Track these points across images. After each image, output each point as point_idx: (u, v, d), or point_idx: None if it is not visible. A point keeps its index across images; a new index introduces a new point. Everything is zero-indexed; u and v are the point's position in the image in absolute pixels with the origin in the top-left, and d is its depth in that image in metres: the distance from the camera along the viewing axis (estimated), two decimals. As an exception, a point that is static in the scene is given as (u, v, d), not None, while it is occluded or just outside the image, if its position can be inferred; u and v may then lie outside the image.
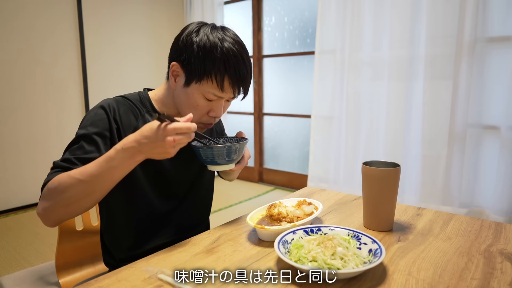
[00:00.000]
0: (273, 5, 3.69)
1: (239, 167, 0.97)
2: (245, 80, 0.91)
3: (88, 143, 0.87)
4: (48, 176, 0.83)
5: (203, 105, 0.91)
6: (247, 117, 4.03)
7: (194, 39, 0.88)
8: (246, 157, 1.01)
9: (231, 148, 0.88)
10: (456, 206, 2.51)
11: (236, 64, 0.88)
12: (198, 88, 0.89)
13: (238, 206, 3.19)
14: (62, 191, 0.78)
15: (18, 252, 2.34)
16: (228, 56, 0.86)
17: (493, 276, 0.69)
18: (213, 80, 0.87)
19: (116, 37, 3.65)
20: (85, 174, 0.77)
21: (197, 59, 0.87)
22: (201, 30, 0.89)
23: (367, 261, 0.70)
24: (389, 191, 0.89)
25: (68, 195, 0.78)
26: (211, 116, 0.94)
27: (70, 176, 0.78)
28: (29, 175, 3.18)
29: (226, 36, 0.89)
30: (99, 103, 0.93)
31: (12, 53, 3.01)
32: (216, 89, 0.88)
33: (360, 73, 2.85)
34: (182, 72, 0.91)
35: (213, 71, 0.86)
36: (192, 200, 1.07)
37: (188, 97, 0.91)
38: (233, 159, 0.91)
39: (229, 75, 0.87)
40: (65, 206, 0.80)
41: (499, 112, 2.33)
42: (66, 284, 1.08)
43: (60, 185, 0.78)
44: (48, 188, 0.80)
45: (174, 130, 0.73)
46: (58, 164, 0.84)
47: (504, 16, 2.27)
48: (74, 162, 0.84)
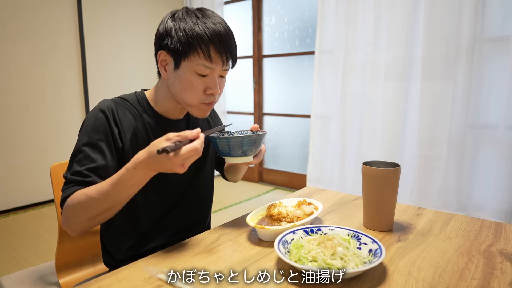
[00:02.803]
0: (273, 5, 3.69)
1: (256, 160, 0.95)
2: (230, 47, 0.92)
3: (93, 151, 0.88)
4: (65, 192, 0.86)
5: (198, 83, 0.91)
6: (247, 117, 4.03)
7: (172, 23, 0.90)
8: (262, 151, 0.99)
9: (248, 139, 0.87)
10: (453, 209, 2.51)
11: (219, 33, 0.89)
12: (188, 65, 0.90)
13: (238, 206, 3.19)
14: (82, 209, 0.83)
15: (18, 252, 2.34)
16: (209, 27, 0.88)
17: (493, 276, 0.69)
18: (199, 52, 0.88)
19: (116, 37, 3.65)
20: (102, 194, 0.81)
21: (180, 37, 0.88)
22: (176, 14, 0.92)
23: (367, 261, 0.70)
24: (389, 191, 0.89)
25: (88, 212, 0.83)
26: (209, 94, 0.93)
27: (87, 195, 0.82)
28: (29, 175, 3.18)
29: (204, 12, 0.92)
30: (98, 105, 0.94)
31: (12, 53, 3.01)
32: (204, 60, 0.89)
33: (360, 73, 2.85)
34: (170, 56, 0.92)
35: (198, 43, 0.88)
36: (192, 201, 1.07)
37: (181, 79, 0.91)
38: (251, 152, 0.89)
39: (214, 43, 0.88)
40: (87, 220, 0.85)
41: (498, 112, 2.33)
42: (66, 284, 1.08)
43: (80, 203, 0.82)
44: (68, 206, 0.84)
45: (182, 158, 0.75)
46: (72, 179, 0.87)
47: (503, 16, 2.27)
48: (86, 174, 0.86)
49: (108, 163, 0.89)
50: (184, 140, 0.76)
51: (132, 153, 0.93)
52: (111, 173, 0.89)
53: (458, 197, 2.51)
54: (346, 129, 2.97)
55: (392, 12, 2.63)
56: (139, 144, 0.95)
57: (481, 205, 2.47)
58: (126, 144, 0.93)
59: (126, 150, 0.93)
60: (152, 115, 0.99)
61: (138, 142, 0.95)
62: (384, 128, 2.77)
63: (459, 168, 2.48)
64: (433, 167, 2.59)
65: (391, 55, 2.67)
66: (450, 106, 2.46)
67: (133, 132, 0.95)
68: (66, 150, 3.30)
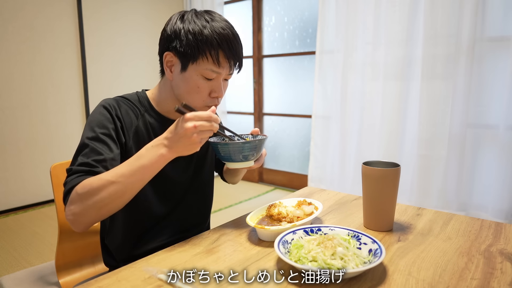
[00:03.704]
0: (273, 5, 3.69)
1: (257, 165, 0.94)
2: (238, 52, 0.93)
3: (99, 145, 0.87)
4: (71, 182, 0.82)
5: (204, 86, 0.92)
6: (247, 117, 4.03)
7: (181, 25, 0.90)
8: (263, 155, 0.99)
9: (249, 145, 0.86)
10: (454, 209, 2.51)
11: (228, 39, 0.89)
12: (195, 68, 0.90)
13: (238, 206, 3.19)
14: (94, 193, 0.78)
15: (18, 252, 2.34)
16: (219, 32, 0.88)
17: (493, 276, 0.69)
18: (208, 57, 0.89)
19: (116, 37, 3.65)
20: (117, 175, 0.79)
21: (190, 41, 0.88)
22: (185, 16, 0.92)
23: (367, 261, 0.70)
24: (389, 191, 0.89)
25: (100, 198, 0.78)
26: (214, 97, 0.94)
27: (101, 178, 0.79)
28: (29, 175, 3.18)
29: (213, 16, 0.92)
30: (100, 103, 0.94)
31: (12, 53, 3.01)
32: (213, 64, 0.89)
33: (360, 73, 2.85)
34: (177, 58, 0.92)
35: (207, 48, 0.88)
36: (192, 201, 1.07)
37: (187, 82, 0.91)
38: (253, 156, 0.89)
39: (223, 49, 0.89)
40: (97, 209, 0.80)
41: (498, 112, 2.33)
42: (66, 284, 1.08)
43: (92, 188, 0.78)
44: (77, 193, 0.79)
45: (194, 116, 0.75)
46: (78, 169, 0.83)
47: (503, 16, 2.27)
48: (93, 164, 0.84)
49: (114, 156, 0.88)
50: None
51: (135, 151, 0.94)
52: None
53: (458, 197, 2.51)
54: (346, 129, 2.97)
55: (392, 12, 2.63)
56: (140, 143, 0.95)
57: (481, 205, 2.47)
58: (128, 141, 0.94)
59: (128, 146, 0.93)
60: (154, 115, 0.99)
61: (139, 141, 0.95)
62: (384, 128, 2.77)
63: (459, 168, 2.48)
64: (433, 167, 2.59)
65: (391, 55, 2.67)
66: (450, 106, 2.46)
67: (135, 131, 0.95)
68: (66, 150, 3.31)
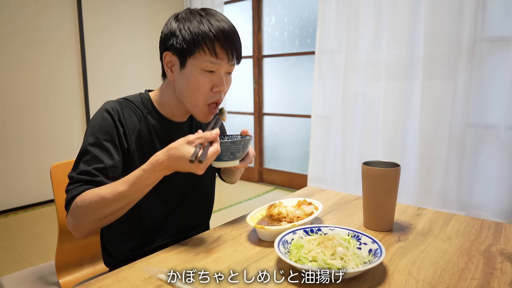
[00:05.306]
0: (273, 5, 3.69)
1: (243, 165, 0.94)
2: (235, 43, 0.92)
3: (100, 151, 0.87)
4: (72, 191, 0.84)
5: (204, 81, 0.91)
6: (247, 117, 4.03)
7: (176, 23, 0.91)
8: (250, 155, 0.99)
9: (235, 144, 0.87)
10: (454, 209, 2.51)
11: (223, 29, 0.89)
12: (194, 63, 0.90)
13: (238, 206, 3.19)
14: (94, 209, 0.81)
15: (18, 252, 2.34)
16: (213, 24, 0.89)
17: (493, 276, 0.69)
18: (205, 49, 0.88)
19: (116, 37, 3.65)
20: (116, 194, 0.80)
21: (185, 35, 0.89)
22: (179, 15, 0.93)
23: (367, 261, 0.70)
24: (389, 191, 0.89)
25: (100, 213, 0.82)
26: (216, 91, 0.93)
27: (100, 196, 0.80)
28: (29, 175, 3.17)
29: (207, 11, 0.93)
30: (103, 106, 0.93)
31: (13, 53, 3.01)
32: (210, 56, 0.89)
33: (360, 73, 2.85)
34: (175, 56, 0.92)
35: (203, 40, 0.88)
36: (192, 202, 1.06)
37: (187, 78, 0.91)
38: (237, 156, 0.89)
39: (219, 40, 0.89)
40: (97, 221, 0.84)
41: (499, 112, 2.33)
42: (66, 284, 1.08)
43: (92, 204, 0.81)
44: (77, 206, 0.82)
45: (208, 162, 0.77)
46: (79, 178, 0.85)
47: (504, 16, 2.27)
48: (94, 174, 0.85)
49: (115, 163, 0.89)
50: (204, 142, 0.78)
51: (137, 155, 0.94)
52: (118, 174, 0.89)
53: (459, 196, 2.51)
54: (347, 129, 2.97)
55: (392, 12, 2.62)
56: (143, 146, 0.95)
57: (481, 204, 2.47)
58: (131, 145, 0.93)
59: (131, 151, 0.93)
60: (157, 117, 0.98)
61: (142, 144, 0.95)
62: (385, 128, 2.77)
63: (460, 167, 2.48)
64: (434, 166, 2.59)
65: (392, 55, 2.67)
66: (451, 105, 2.46)
67: (138, 134, 0.95)
68: (66, 150, 3.31)
